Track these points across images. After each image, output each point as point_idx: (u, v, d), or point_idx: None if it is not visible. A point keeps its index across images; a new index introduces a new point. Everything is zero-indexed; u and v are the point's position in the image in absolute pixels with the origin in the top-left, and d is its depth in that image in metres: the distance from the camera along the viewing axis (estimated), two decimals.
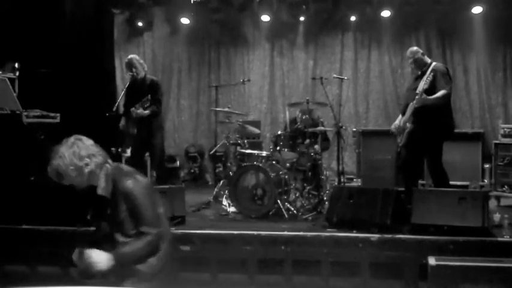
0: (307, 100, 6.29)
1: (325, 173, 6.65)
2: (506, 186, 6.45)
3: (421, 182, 6.52)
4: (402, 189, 5.49)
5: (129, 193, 2.80)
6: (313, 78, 7.70)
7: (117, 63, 9.21)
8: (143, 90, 6.04)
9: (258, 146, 7.72)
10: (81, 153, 2.82)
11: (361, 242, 4.59)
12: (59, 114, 6.14)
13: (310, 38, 9.19)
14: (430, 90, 5.27)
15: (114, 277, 2.80)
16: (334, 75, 7.36)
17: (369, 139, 7.49)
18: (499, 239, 4.49)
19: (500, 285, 3.99)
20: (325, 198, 6.08)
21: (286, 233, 4.82)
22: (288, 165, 6.16)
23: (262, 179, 5.72)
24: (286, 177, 5.87)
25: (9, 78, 6.22)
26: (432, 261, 4.16)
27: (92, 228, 3.18)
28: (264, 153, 6.21)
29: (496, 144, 6.70)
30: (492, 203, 6.04)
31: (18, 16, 7.11)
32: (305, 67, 9.22)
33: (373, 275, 4.55)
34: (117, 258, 2.74)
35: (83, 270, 2.75)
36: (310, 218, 5.56)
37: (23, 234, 4.96)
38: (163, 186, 5.39)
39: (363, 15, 8.73)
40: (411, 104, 5.40)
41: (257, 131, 7.17)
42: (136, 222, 2.81)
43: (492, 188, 6.65)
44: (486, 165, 7.09)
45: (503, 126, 6.85)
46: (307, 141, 6.19)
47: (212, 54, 9.56)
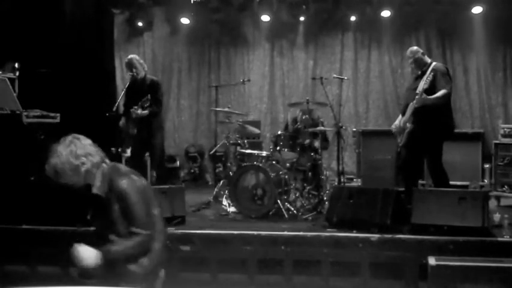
0: (307, 100, 6.29)
1: (325, 173, 6.65)
2: (506, 186, 6.45)
3: (421, 182, 6.52)
4: (402, 189, 5.49)
5: (122, 193, 2.81)
6: (313, 78, 7.69)
7: (117, 63, 9.21)
8: (143, 90, 6.04)
9: (258, 146, 7.72)
10: (77, 152, 2.83)
11: (361, 242, 4.58)
12: (59, 114, 6.14)
13: (310, 38, 9.18)
14: (430, 90, 5.27)
15: (106, 276, 2.80)
16: (334, 75, 7.35)
17: (369, 139, 7.49)
18: (499, 239, 4.49)
19: (500, 285, 3.99)
20: (325, 198, 6.08)
21: (286, 233, 4.81)
22: (288, 165, 6.16)
23: (262, 179, 5.72)
24: (286, 177, 5.87)
25: (9, 78, 6.22)
26: (432, 261, 4.16)
27: (92, 228, 3.18)
28: (264, 153, 6.20)
29: (496, 144, 6.70)
30: (492, 203, 6.04)
31: (18, 16, 7.12)
32: (305, 67, 9.22)
33: (373, 275, 4.54)
34: (105, 255, 2.75)
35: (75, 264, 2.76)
36: (310, 218, 5.56)
37: (23, 234, 4.96)
38: (163, 186, 5.39)
39: (363, 15, 8.72)
40: (411, 104, 5.39)
41: (257, 131, 7.17)
42: (128, 222, 2.81)
43: (492, 188, 6.65)
44: (486, 165, 7.08)
45: (503, 126, 6.85)
46: (307, 141, 6.19)
47: (212, 54, 9.55)
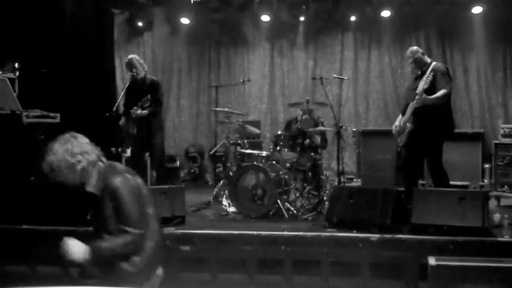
0: (307, 100, 6.29)
1: (325, 173, 6.65)
2: (506, 186, 6.45)
3: (421, 182, 6.51)
4: (402, 189, 5.49)
5: (115, 190, 2.81)
6: (313, 78, 7.69)
7: (117, 63, 9.21)
8: (143, 90, 6.04)
9: (258, 146, 7.72)
10: (73, 150, 2.84)
11: (361, 242, 4.59)
12: (59, 114, 6.14)
13: (310, 38, 9.19)
14: (430, 90, 5.27)
15: (100, 274, 2.80)
16: (334, 75, 7.35)
17: (369, 139, 7.49)
18: (499, 239, 4.49)
19: (500, 285, 3.99)
20: (325, 198, 6.08)
21: (286, 233, 4.81)
22: (288, 165, 6.16)
23: (262, 179, 5.72)
24: (286, 177, 5.87)
25: (9, 78, 6.22)
26: (432, 261, 4.16)
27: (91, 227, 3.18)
28: (264, 153, 6.20)
29: (496, 144, 6.70)
30: (492, 203, 6.04)
31: (18, 16, 7.11)
32: (305, 67, 9.22)
33: (373, 275, 4.55)
34: (94, 251, 2.75)
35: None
36: (310, 218, 5.56)
37: (23, 234, 4.96)
38: (163, 186, 5.39)
39: (363, 15, 8.73)
40: (411, 104, 5.39)
41: (257, 131, 7.17)
42: (120, 221, 2.80)
43: (492, 188, 6.65)
44: (486, 165, 7.08)
45: (503, 126, 6.85)
46: (308, 140, 6.19)
47: (212, 54, 9.56)
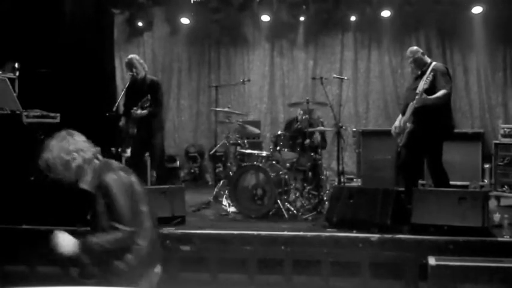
0: (307, 100, 6.29)
1: (325, 173, 6.65)
2: (506, 186, 6.45)
3: (421, 182, 6.52)
4: (402, 189, 5.49)
5: (106, 187, 2.80)
6: (313, 78, 7.68)
7: (117, 63, 9.21)
8: (143, 90, 6.04)
9: (258, 146, 7.72)
10: (69, 147, 2.85)
11: (361, 242, 4.59)
12: (59, 114, 6.14)
13: (310, 38, 9.18)
14: (430, 90, 5.27)
15: (99, 274, 2.80)
16: (334, 75, 7.35)
17: (369, 139, 7.48)
18: (499, 239, 4.50)
19: (500, 285, 3.99)
20: (325, 198, 6.09)
21: (286, 233, 4.81)
22: (288, 165, 6.16)
23: (262, 179, 5.72)
24: (286, 177, 5.87)
25: (9, 78, 6.22)
26: (432, 261, 4.16)
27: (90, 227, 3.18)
28: (264, 153, 6.20)
29: (496, 144, 6.70)
30: (492, 203, 6.04)
31: (18, 16, 7.11)
32: (305, 67, 9.22)
33: (373, 275, 4.55)
34: (83, 245, 2.76)
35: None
36: (310, 218, 5.56)
37: (23, 234, 4.96)
38: (163, 186, 5.39)
39: (363, 15, 8.72)
40: (411, 104, 5.39)
41: (257, 131, 7.17)
42: (111, 217, 2.80)
43: (492, 188, 6.65)
44: (486, 165, 7.08)
45: (503, 126, 6.85)
46: (308, 141, 6.19)
47: (212, 54, 9.56)
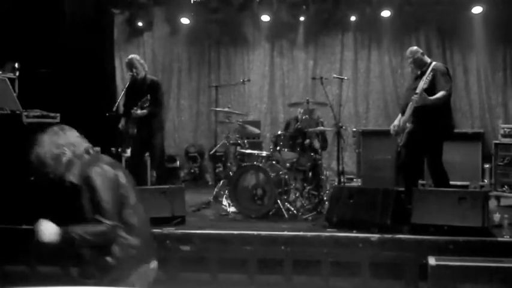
0: (307, 100, 6.29)
1: (325, 173, 6.64)
2: (506, 186, 6.45)
3: (421, 182, 6.51)
4: (402, 189, 5.49)
5: (90, 180, 2.78)
6: (313, 78, 7.68)
7: (117, 63, 9.21)
8: (143, 90, 6.04)
9: (258, 146, 7.72)
10: (59, 141, 2.83)
11: (361, 242, 4.59)
12: (59, 114, 6.14)
13: (310, 38, 9.18)
14: (430, 90, 5.26)
15: (98, 274, 2.80)
16: (334, 75, 7.35)
17: (369, 139, 7.48)
18: (499, 239, 4.50)
19: (500, 285, 3.99)
20: (325, 198, 6.08)
21: (286, 233, 4.82)
22: (288, 165, 6.16)
23: (262, 179, 5.71)
24: (286, 177, 5.87)
25: (9, 78, 6.22)
26: (432, 261, 4.16)
27: None
28: (264, 153, 6.20)
29: (496, 144, 6.70)
30: (492, 203, 6.04)
31: (18, 16, 7.11)
32: (305, 67, 9.21)
33: (373, 275, 4.55)
34: (64, 234, 2.75)
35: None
36: (310, 218, 5.56)
37: (23, 234, 4.96)
38: (163, 186, 5.40)
39: (363, 15, 8.71)
40: (411, 104, 5.39)
41: (257, 131, 7.17)
42: (94, 211, 2.77)
43: (492, 188, 6.65)
44: (486, 165, 7.08)
45: (503, 126, 6.85)
46: (307, 141, 6.19)
47: (212, 54, 9.55)
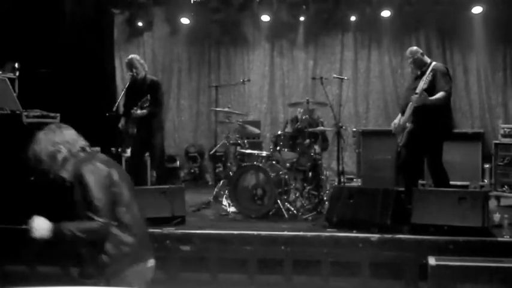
0: (307, 100, 6.29)
1: (325, 173, 6.65)
2: (506, 186, 6.45)
3: (421, 182, 6.52)
4: (402, 189, 5.49)
5: (82, 177, 2.77)
6: (313, 78, 7.68)
7: (117, 63, 9.22)
8: (143, 90, 6.04)
9: (258, 146, 7.72)
10: (55, 139, 2.83)
11: (361, 242, 4.59)
12: (59, 114, 6.14)
13: (310, 38, 9.18)
14: (430, 90, 5.26)
15: (91, 270, 2.80)
16: (334, 75, 7.35)
17: (369, 139, 7.48)
18: (499, 239, 4.50)
19: (500, 285, 3.99)
20: (325, 198, 6.08)
21: (286, 233, 4.82)
22: (288, 165, 6.16)
23: (262, 179, 5.71)
24: (286, 177, 5.87)
25: (9, 78, 6.22)
26: (432, 261, 4.16)
27: None
28: (264, 153, 6.20)
29: (496, 144, 6.70)
30: (492, 203, 6.04)
31: (18, 16, 7.11)
32: (305, 67, 9.21)
33: (373, 275, 4.55)
34: (56, 230, 2.74)
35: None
36: (310, 218, 5.56)
37: (23, 234, 4.95)
38: (163, 186, 5.40)
39: (363, 15, 8.72)
40: (411, 104, 5.39)
41: (257, 131, 7.17)
42: (86, 208, 2.75)
43: (492, 188, 6.65)
44: (486, 165, 7.07)
45: (503, 126, 6.85)
46: (307, 141, 6.19)
47: (212, 54, 9.55)
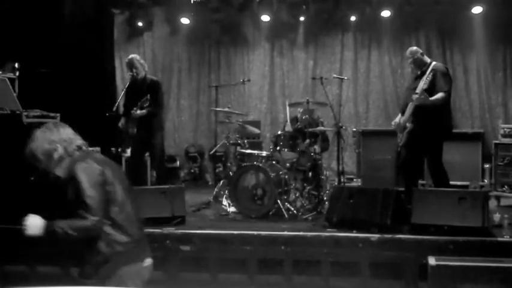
0: (307, 100, 6.29)
1: (325, 173, 6.65)
2: (506, 186, 6.44)
3: (421, 182, 6.52)
4: (402, 189, 5.49)
5: (75, 175, 2.77)
6: (313, 78, 7.68)
7: (117, 63, 9.22)
8: (143, 90, 6.04)
9: (258, 146, 7.72)
10: (51, 137, 2.84)
11: (361, 242, 4.59)
12: (59, 114, 6.14)
13: (310, 38, 9.18)
14: (430, 90, 5.27)
15: (89, 269, 2.80)
16: (334, 75, 7.35)
17: (369, 139, 7.48)
18: (499, 239, 4.50)
19: (500, 285, 3.99)
20: (325, 198, 6.08)
21: (286, 233, 4.82)
22: (288, 165, 6.16)
23: (262, 179, 5.71)
24: (286, 177, 5.87)
25: (9, 78, 6.23)
26: (432, 261, 4.17)
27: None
28: (264, 153, 6.20)
29: (496, 144, 6.70)
30: (492, 203, 6.04)
31: (18, 16, 7.12)
32: (305, 67, 9.21)
33: (373, 275, 4.55)
34: (48, 228, 2.75)
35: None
36: (310, 218, 5.56)
37: (23, 234, 4.95)
38: (163, 186, 5.40)
39: (363, 15, 8.72)
40: (411, 104, 5.39)
41: (257, 131, 7.17)
42: (79, 206, 2.75)
43: (492, 188, 6.65)
44: (486, 165, 7.07)
45: (503, 126, 6.84)
46: (307, 141, 6.19)
47: (212, 54, 9.55)
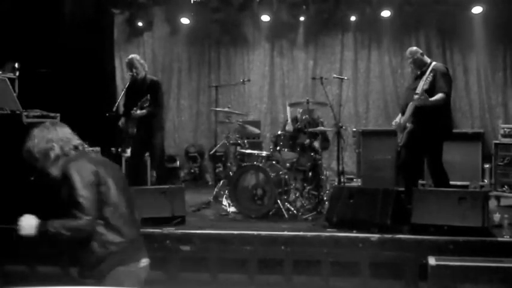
0: (307, 100, 6.28)
1: (325, 173, 6.65)
2: (506, 186, 6.45)
3: (421, 182, 6.52)
4: (402, 189, 5.49)
5: (68, 174, 2.76)
6: (313, 78, 7.68)
7: (117, 63, 9.22)
8: (143, 90, 6.04)
9: (258, 146, 7.72)
10: (48, 136, 2.84)
11: (361, 242, 4.59)
12: (59, 114, 6.14)
13: (310, 38, 9.18)
14: (430, 91, 5.26)
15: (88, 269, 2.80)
16: (334, 75, 7.35)
17: (369, 139, 7.49)
18: (499, 239, 4.49)
19: (500, 285, 3.99)
20: (325, 198, 6.08)
21: (286, 233, 4.81)
22: (288, 165, 6.16)
23: (262, 179, 5.71)
24: (286, 177, 5.87)
25: (9, 78, 6.22)
26: (432, 261, 4.16)
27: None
28: (264, 153, 6.20)
29: (496, 144, 6.70)
30: (492, 203, 6.04)
31: (18, 16, 7.12)
32: (305, 67, 9.22)
33: (373, 275, 4.55)
34: (41, 228, 2.76)
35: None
36: (310, 218, 5.56)
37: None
38: (163, 186, 5.40)
39: (363, 15, 8.72)
40: (411, 104, 5.39)
41: (257, 131, 7.17)
42: (72, 205, 2.74)
43: (492, 188, 6.65)
44: (486, 165, 7.08)
45: (503, 126, 6.85)
46: (307, 141, 6.19)
47: (212, 54, 9.56)
